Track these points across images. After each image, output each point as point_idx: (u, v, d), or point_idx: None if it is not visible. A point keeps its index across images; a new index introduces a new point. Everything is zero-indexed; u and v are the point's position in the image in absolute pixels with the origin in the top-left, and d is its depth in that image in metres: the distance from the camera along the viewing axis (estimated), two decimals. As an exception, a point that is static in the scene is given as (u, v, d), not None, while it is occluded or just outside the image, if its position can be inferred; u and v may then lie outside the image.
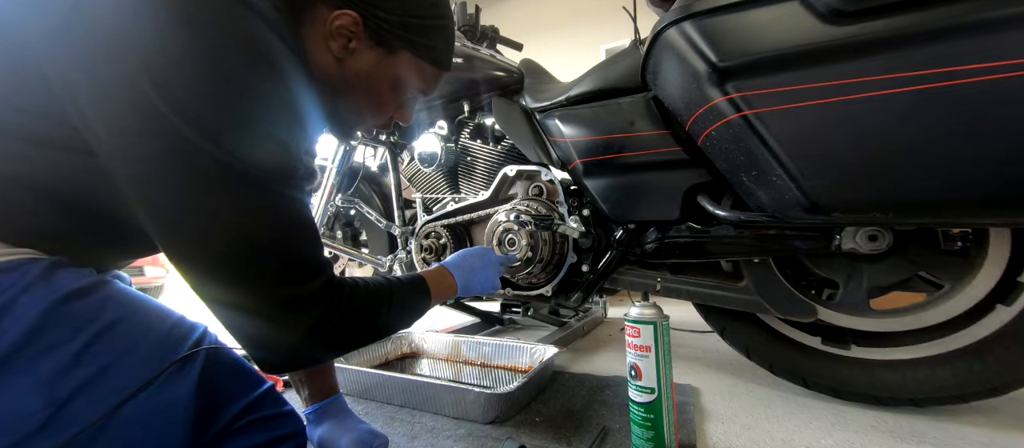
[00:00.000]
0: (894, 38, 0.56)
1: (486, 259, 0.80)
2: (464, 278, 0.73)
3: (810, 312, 0.84)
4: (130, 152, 0.38)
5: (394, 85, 0.57)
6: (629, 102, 0.91)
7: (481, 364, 1.10)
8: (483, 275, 0.77)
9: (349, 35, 0.51)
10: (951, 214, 0.63)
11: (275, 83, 0.42)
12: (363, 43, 0.52)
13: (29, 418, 0.37)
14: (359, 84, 0.55)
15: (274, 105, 0.41)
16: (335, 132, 0.63)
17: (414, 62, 0.56)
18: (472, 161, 1.23)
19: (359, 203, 1.49)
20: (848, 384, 0.85)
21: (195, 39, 0.37)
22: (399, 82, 0.57)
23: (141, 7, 0.37)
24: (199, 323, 0.51)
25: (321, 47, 0.51)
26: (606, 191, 0.96)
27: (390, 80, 0.56)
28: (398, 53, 0.55)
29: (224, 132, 0.38)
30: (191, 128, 0.37)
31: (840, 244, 0.79)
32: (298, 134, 0.45)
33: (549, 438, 0.73)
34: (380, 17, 0.51)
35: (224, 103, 0.38)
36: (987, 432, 0.74)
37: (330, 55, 0.52)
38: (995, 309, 0.75)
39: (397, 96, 0.59)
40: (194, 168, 0.38)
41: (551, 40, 3.64)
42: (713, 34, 0.67)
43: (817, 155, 0.64)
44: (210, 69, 0.38)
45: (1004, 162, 0.54)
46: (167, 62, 0.36)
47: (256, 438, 0.52)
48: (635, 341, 0.67)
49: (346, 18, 0.50)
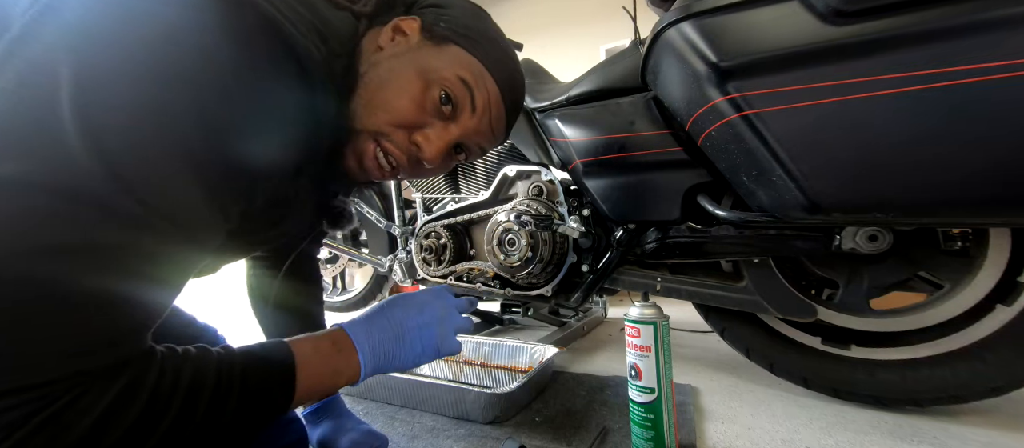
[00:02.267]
0: (894, 38, 0.56)
1: (429, 314, 0.52)
2: (384, 349, 0.48)
3: (810, 312, 0.84)
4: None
5: (424, 73, 0.47)
6: (629, 102, 0.91)
7: (481, 364, 1.10)
8: (423, 339, 0.50)
9: (401, 31, 0.49)
10: (951, 214, 0.63)
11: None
12: (414, 37, 0.49)
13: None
14: (384, 69, 0.47)
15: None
16: (341, 152, 0.50)
17: (461, 56, 0.49)
18: (472, 161, 1.23)
19: (359, 203, 1.49)
20: (848, 384, 0.85)
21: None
22: (431, 72, 0.48)
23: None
24: (210, 326, 0.50)
25: (371, 41, 0.48)
26: (606, 191, 0.96)
27: (420, 67, 0.47)
28: (445, 46, 0.49)
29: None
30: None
31: (840, 244, 0.79)
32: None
33: (549, 438, 0.73)
34: (441, 21, 0.49)
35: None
36: (987, 432, 0.74)
37: (372, 50, 0.48)
38: (995, 309, 0.75)
39: (426, 90, 0.48)
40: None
41: (551, 40, 3.64)
42: (713, 34, 0.67)
43: (817, 155, 0.64)
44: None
45: (1004, 162, 0.54)
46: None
47: (256, 446, 0.49)
48: (635, 341, 0.67)
49: (408, 23, 0.48)
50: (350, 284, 1.96)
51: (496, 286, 1.17)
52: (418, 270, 1.31)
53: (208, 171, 0.34)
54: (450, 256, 1.22)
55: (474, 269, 1.20)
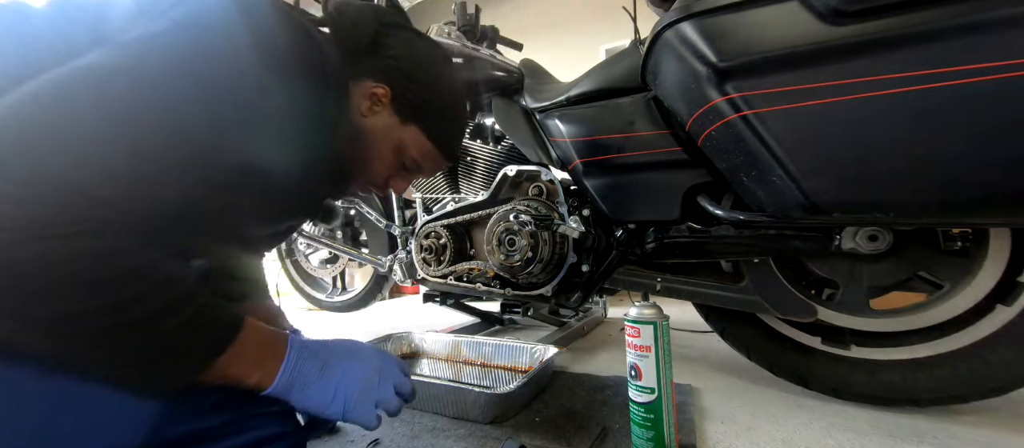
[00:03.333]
0: (894, 38, 0.56)
1: (363, 369, 0.51)
2: (302, 374, 0.48)
3: (810, 312, 0.84)
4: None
5: (397, 148, 0.64)
6: (629, 102, 0.91)
7: (481, 364, 1.10)
8: (341, 386, 0.49)
9: (378, 101, 0.61)
10: (951, 214, 0.63)
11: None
12: (386, 110, 0.62)
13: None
14: (370, 137, 0.62)
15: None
16: (335, 184, 0.65)
17: (419, 137, 0.65)
18: (472, 161, 1.23)
19: (359, 203, 1.49)
20: (848, 384, 0.85)
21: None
22: (402, 147, 0.64)
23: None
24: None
25: (355, 103, 0.60)
26: (606, 191, 0.96)
27: (395, 143, 0.63)
28: (408, 125, 0.63)
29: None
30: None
31: (840, 244, 0.79)
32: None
33: (549, 438, 0.73)
34: (406, 94, 0.62)
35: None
36: (987, 432, 0.74)
37: (358, 111, 0.60)
38: (995, 309, 0.75)
39: (398, 158, 0.65)
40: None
41: (551, 40, 3.64)
42: (713, 34, 0.67)
43: (817, 155, 0.64)
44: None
45: (1004, 162, 0.54)
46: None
47: (243, 438, 0.47)
48: (635, 341, 0.67)
49: (381, 90, 0.60)
50: (350, 284, 1.97)
51: (496, 286, 1.17)
52: (418, 270, 1.31)
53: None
54: (450, 256, 1.22)
55: (474, 269, 1.20)
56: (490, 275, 1.18)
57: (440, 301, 1.44)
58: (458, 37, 1.23)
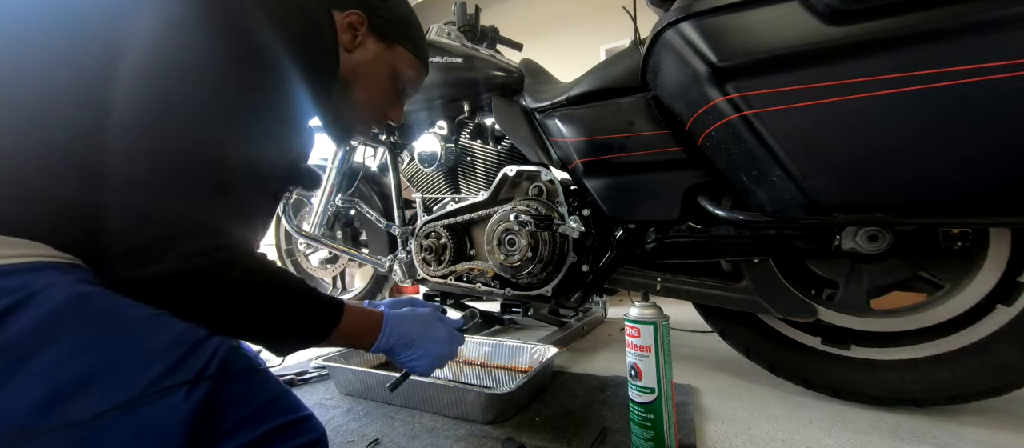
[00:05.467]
0: (894, 38, 0.56)
1: (430, 330, 0.67)
2: (400, 338, 0.63)
3: (810, 312, 0.84)
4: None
5: (393, 75, 0.65)
6: (629, 102, 0.91)
7: (481, 364, 1.10)
8: (429, 346, 0.65)
9: (356, 29, 0.60)
10: (951, 214, 0.63)
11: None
12: (368, 36, 0.62)
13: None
14: (364, 72, 0.62)
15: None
16: (337, 129, 0.66)
17: (408, 56, 0.66)
18: (472, 161, 1.23)
19: (359, 203, 1.49)
20: (848, 384, 0.85)
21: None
22: (397, 73, 0.66)
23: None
24: (214, 338, 0.46)
25: (342, 40, 0.60)
26: (606, 191, 0.96)
27: (390, 69, 0.65)
28: (395, 47, 0.65)
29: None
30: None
31: (840, 244, 0.79)
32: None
33: (549, 438, 0.73)
34: (380, 15, 0.62)
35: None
36: (987, 432, 0.74)
37: (342, 48, 0.60)
38: (995, 309, 0.75)
39: (395, 86, 0.66)
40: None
41: (551, 40, 3.64)
42: (713, 34, 0.67)
43: (817, 155, 0.64)
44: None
45: (1003, 162, 0.54)
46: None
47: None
48: (635, 341, 0.67)
49: (354, 16, 0.60)
50: (350, 284, 1.96)
51: (496, 286, 1.17)
52: (418, 270, 1.31)
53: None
54: (450, 256, 1.22)
55: (474, 269, 1.20)
56: (490, 275, 1.18)
57: (440, 301, 1.44)
58: (458, 37, 1.23)
